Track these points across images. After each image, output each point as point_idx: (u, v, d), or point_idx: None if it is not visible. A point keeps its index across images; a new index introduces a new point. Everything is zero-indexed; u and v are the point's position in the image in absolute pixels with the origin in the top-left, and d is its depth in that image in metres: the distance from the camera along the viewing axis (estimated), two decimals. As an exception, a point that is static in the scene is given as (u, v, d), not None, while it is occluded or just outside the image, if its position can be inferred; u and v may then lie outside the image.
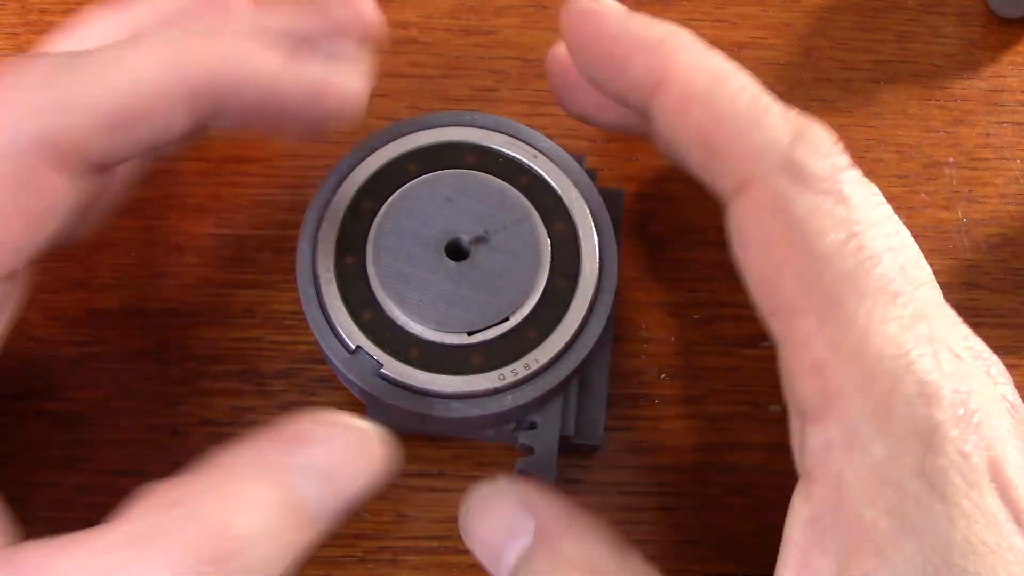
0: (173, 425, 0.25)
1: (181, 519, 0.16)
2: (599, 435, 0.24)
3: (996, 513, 0.16)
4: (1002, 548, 0.16)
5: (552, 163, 0.23)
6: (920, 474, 0.16)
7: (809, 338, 0.17)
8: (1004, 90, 0.32)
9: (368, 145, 0.23)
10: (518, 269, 0.22)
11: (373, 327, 0.21)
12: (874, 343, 0.17)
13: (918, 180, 0.30)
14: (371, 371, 0.21)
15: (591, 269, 0.22)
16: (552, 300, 0.22)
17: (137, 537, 0.16)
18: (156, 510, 0.16)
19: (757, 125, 0.19)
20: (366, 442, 0.19)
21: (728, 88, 0.19)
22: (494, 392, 0.21)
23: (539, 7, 0.32)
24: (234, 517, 0.16)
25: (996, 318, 0.28)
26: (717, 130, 0.19)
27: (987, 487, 0.16)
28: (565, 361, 0.22)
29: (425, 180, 0.23)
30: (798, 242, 0.17)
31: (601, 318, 0.22)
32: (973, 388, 0.17)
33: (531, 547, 0.19)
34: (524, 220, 0.23)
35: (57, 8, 0.31)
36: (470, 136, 0.24)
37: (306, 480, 0.18)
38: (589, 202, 0.23)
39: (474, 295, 0.22)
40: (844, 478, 0.16)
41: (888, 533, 0.16)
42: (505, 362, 0.21)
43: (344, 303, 0.22)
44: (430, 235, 0.22)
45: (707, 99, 0.19)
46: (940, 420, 0.16)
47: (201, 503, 0.17)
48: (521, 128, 0.24)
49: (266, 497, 0.17)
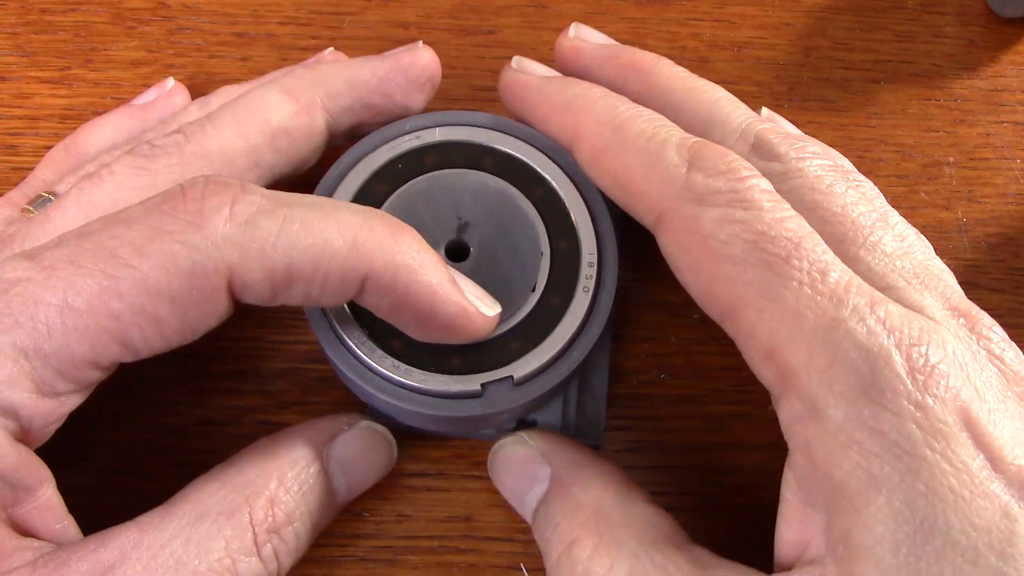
0: (173, 425, 0.25)
1: (245, 498, 0.20)
2: (599, 433, 0.24)
3: (968, 460, 0.17)
4: (975, 495, 0.16)
5: (552, 162, 0.24)
6: (877, 432, 0.17)
7: (754, 329, 0.19)
8: (1004, 90, 0.32)
9: (376, 139, 0.23)
10: (519, 268, 0.22)
11: (375, 327, 0.21)
12: (808, 318, 0.18)
13: (918, 180, 0.30)
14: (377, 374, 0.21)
15: (591, 268, 0.22)
16: (553, 299, 0.22)
17: (208, 515, 0.19)
18: (221, 491, 0.20)
19: (655, 163, 0.21)
20: (382, 445, 0.23)
21: (628, 135, 0.21)
22: (496, 390, 0.21)
23: (539, 7, 0.32)
24: (284, 496, 0.20)
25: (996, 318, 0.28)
26: (625, 174, 0.21)
27: (956, 435, 0.17)
28: (566, 359, 0.22)
29: (429, 178, 0.23)
30: (716, 253, 0.19)
31: (601, 317, 0.22)
32: (934, 339, 0.18)
33: (547, 491, 0.21)
34: (525, 220, 0.23)
35: (57, 8, 0.31)
36: (474, 136, 0.24)
37: (336, 471, 0.22)
38: (589, 202, 0.23)
39: None
40: (812, 446, 0.18)
41: (858, 490, 0.17)
42: (507, 360, 0.21)
43: (347, 308, 0.22)
44: (432, 234, 0.22)
45: (611, 149, 0.22)
46: (888, 377, 0.17)
47: (258, 484, 0.20)
48: (523, 127, 0.24)
49: (309, 482, 0.21)
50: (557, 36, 0.27)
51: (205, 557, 0.18)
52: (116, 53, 0.30)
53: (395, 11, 0.31)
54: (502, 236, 0.22)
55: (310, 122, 0.24)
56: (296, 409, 0.26)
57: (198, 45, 0.31)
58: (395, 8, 0.31)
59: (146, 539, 0.18)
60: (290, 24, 0.31)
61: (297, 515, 0.20)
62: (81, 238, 0.18)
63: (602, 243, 0.23)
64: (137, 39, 0.31)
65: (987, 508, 0.16)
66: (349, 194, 0.23)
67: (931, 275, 0.20)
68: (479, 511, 0.25)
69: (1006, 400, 0.18)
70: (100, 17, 0.31)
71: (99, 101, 0.30)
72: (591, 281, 0.22)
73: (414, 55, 0.26)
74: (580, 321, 0.22)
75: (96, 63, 0.30)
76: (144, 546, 0.18)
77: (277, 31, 0.31)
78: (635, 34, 0.32)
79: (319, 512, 0.21)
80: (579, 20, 0.28)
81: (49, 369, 0.18)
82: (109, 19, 0.31)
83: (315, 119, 0.24)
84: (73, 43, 0.30)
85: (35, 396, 0.18)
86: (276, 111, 0.24)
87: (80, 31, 0.31)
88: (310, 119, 0.24)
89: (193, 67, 0.30)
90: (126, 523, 0.19)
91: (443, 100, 0.30)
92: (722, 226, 0.19)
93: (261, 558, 0.19)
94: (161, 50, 0.31)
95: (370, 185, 0.23)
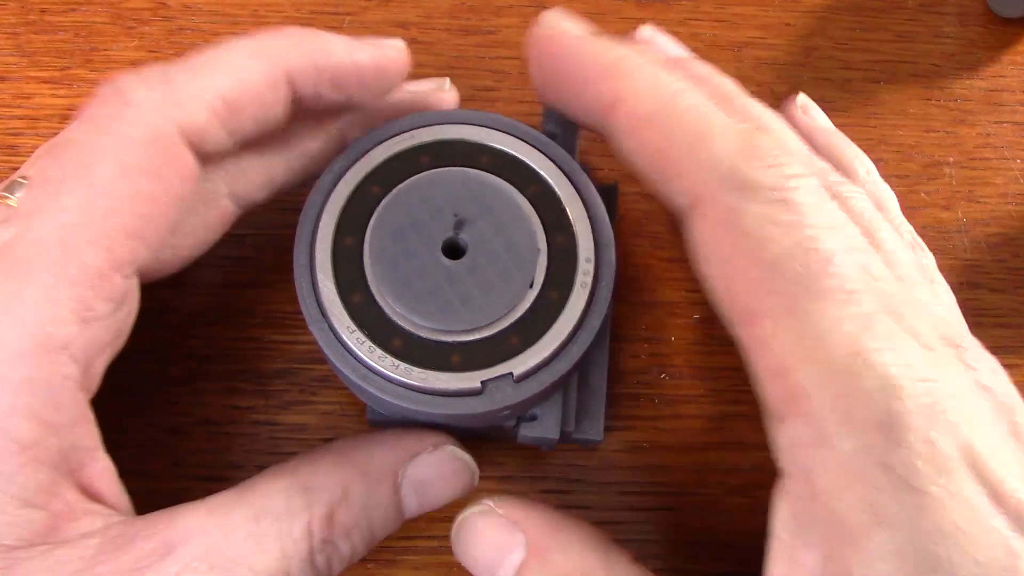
0: (173, 425, 0.25)
1: (308, 504, 0.20)
2: (599, 431, 0.24)
3: (971, 497, 0.16)
4: (979, 531, 0.16)
5: (549, 160, 0.23)
6: (886, 466, 0.16)
7: (769, 343, 0.18)
8: (1004, 90, 0.32)
9: (370, 140, 0.23)
10: (516, 265, 0.22)
11: (374, 328, 0.21)
12: (831, 342, 0.17)
13: (918, 180, 0.30)
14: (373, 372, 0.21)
15: (589, 264, 0.22)
16: (551, 294, 0.22)
17: (270, 513, 0.19)
18: (288, 490, 0.20)
19: (703, 142, 0.19)
20: (463, 471, 0.23)
21: (677, 108, 0.20)
22: (497, 387, 0.21)
23: (539, 7, 0.32)
24: (346, 510, 0.20)
25: (996, 318, 0.28)
26: (666, 150, 0.20)
27: (960, 472, 0.16)
28: (566, 354, 0.21)
29: (423, 177, 0.23)
30: (750, 252, 0.18)
31: (600, 310, 0.22)
32: (940, 376, 0.17)
33: (523, 561, 0.20)
34: (521, 217, 0.23)
35: (57, 8, 0.31)
36: (471, 134, 0.24)
37: (409, 491, 0.21)
38: (584, 196, 0.23)
39: (472, 292, 0.22)
40: (814, 474, 0.17)
41: (861, 525, 0.16)
42: (507, 357, 0.21)
43: (346, 309, 0.21)
44: (429, 233, 0.22)
45: (656, 120, 0.20)
46: (900, 412, 0.16)
47: (323, 493, 0.20)
48: (518, 124, 0.24)
49: (375, 499, 0.21)
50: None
51: (262, 556, 0.19)
52: (116, 53, 0.30)
53: (395, 11, 0.31)
54: (498, 233, 0.22)
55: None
56: (296, 409, 0.26)
57: (198, 45, 0.31)
58: (395, 8, 0.31)
59: (211, 524, 0.19)
60: (290, 24, 0.31)
61: (356, 530, 0.20)
62: (39, 176, 0.19)
63: (598, 238, 0.23)
64: (137, 39, 0.31)
65: (990, 544, 0.16)
66: (344, 196, 0.23)
67: (920, 305, 0.19)
68: (479, 511, 0.25)
69: (1001, 433, 0.17)
70: (100, 17, 0.31)
71: (99, 101, 0.30)
72: (588, 276, 0.22)
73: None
74: (579, 315, 0.22)
75: (96, 63, 0.30)
76: (208, 531, 0.18)
77: (277, 31, 0.31)
78: (635, 34, 0.32)
79: (380, 527, 0.21)
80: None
81: (81, 290, 0.18)
82: (109, 19, 0.31)
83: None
84: (73, 43, 0.30)
85: (81, 327, 0.18)
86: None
87: (80, 31, 0.31)
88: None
89: (193, 67, 0.30)
90: (195, 503, 0.19)
91: (443, 100, 0.30)
92: (763, 225, 0.18)
93: (314, 565, 0.19)
94: (161, 50, 0.31)
95: (365, 185, 0.23)
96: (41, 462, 0.18)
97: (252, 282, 0.27)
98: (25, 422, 0.18)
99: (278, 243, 0.27)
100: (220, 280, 0.27)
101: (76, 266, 0.18)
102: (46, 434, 0.18)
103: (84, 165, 0.19)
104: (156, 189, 0.19)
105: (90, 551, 0.18)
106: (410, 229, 0.22)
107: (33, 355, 0.18)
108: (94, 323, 0.19)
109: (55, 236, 0.18)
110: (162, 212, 0.20)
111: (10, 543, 0.17)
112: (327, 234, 0.22)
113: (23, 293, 0.18)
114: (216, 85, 0.20)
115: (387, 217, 0.22)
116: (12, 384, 0.18)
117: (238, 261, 0.27)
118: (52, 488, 0.18)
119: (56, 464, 0.18)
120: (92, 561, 0.18)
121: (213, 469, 0.25)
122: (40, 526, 0.18)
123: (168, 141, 0.19)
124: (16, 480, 0.18)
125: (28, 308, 0.18)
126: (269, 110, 0.21)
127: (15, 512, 0.17)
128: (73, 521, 0.18)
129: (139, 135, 0.19)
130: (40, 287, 0.18)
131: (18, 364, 0.18)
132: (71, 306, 0.18)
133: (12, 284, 0.18)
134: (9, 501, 0.17)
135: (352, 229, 0.22)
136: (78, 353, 0.18)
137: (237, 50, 0.21)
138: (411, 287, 0.22)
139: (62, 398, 0.18)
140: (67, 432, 0.18)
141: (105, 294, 0.19)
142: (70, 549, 0.18)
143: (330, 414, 0.26)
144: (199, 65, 0.20)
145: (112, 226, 0.19)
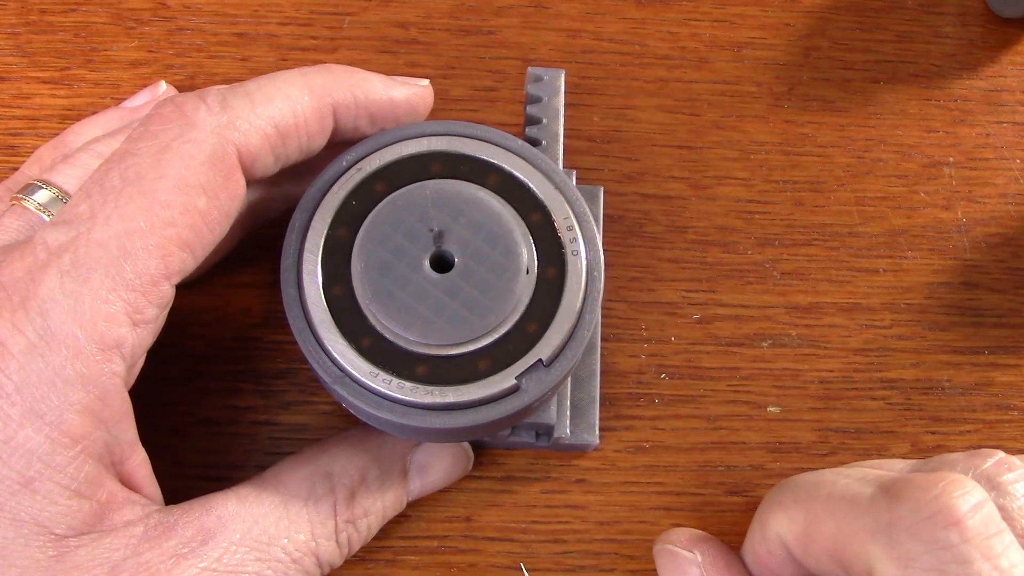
0: (173, 425, 0.25)
1: (331, 488, 0.22)
2: (594, 435, 0.24)
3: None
4: None
5: (528, 164, 0.23)
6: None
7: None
8: (1004, 90, 0.32)
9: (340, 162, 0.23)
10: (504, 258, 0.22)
11: (388, 360, 0.21)
12: None
13: (918, 180, 0.30)
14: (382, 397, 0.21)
15: (571, 231, 0.22)
16: (549, 270, 0.22)
17: (298, 497, 0.21)
18: (312, 476, 0.22)
19: (852, 505, 0.19)
20: (461, 455, 0.25)
21: (830, 495, 0.20)
22: (531, 378, 0.21)
23: (539, 7, 0.32)
24: (365, 492, 0.22)
25: (996, 318, 0.28)
26: (832, 539, 0.20)
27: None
28: (583, 322, 0.21)
29: (399, 195, 0.22)
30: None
31: (597, 272, 0.22)
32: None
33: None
34: (492, 209, 0.22)
35: (57, 8, 0.31)
36: (435, 145, 0.23)
37: (414, 474, 0.24)
38: (546, 172, 0.23)
39: (474, 296, 0.21)
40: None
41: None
42: (530, 345, 0.21)
43: (348, 342, 0.21)
44: (412, 252, 0.22)
45: (813, 523, 0.20)
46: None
47: (344, 477, 0.22)
48: (492, 131, 0.24)
49: (389, 482, 0.23)
50: (557, 36, 0.27)
51: (294, 536, 0.21)
52: (116, 53, 0.30)
53: (395, 11, 0.31)
54: (476, 232, 0.22)
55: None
56: (296, 409, 0.26)
57: (198, 45, 0.31)
58: (395, 8, 0.31)
59: (243, 511, 0.20)
60: (290, 24, 0.31)
61: (373, 510, 0.23)
62: (102, 182, 0.20)
63: (572, 204, 0.23)
64: (137, 39, 0.31)
65: None
66: (318, 246, 0.22)
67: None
68: (479, 511, 0.25)
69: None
70: (100, 17, 0.31)
71: (99, 101, 0.30)
72: (576, 244, 0.22)
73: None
74: (584, 282, 0.22)
75: (96, 63, 0.30)
76: (242, 517, 0.20)
77: (277, 31, 0.31)
78: (635, 34, 0.32)
79: (392, 507, 0.23)
80: (579, 20, 0.27)
81: (135, 294, 0.19)
82: (109, 19, 0.31)
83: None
84: (73, 43, 0.30)
85: (132, 328, 0.19)
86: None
87: (80, 31, 0.31)
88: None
89: (193, 67, 0.30)
90: (224, 492, 0.21)
91: (444, 100, 0.30)
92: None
93: (338, 543, 0.22)
94: (161, 50, 0.31)
95: (332, 233, 0.22)
96: (89, 454, 0.19)
97: (251, 282, 0.27)
98: (77, 416, 0.19)
99: (277, 244, 0.27)
100: (219, 280, 0.27)
101: (133, 271, 0.19)
102: (95, 428, 0.19)
103: (147, 178, 0.20)
104: (210, 206, 0.20)
105: (135, 539, 0.19)
106: (392, 259, 0.22)
107: (88, 352, 0.19)
108: (143, 326, 0.20)
109: (115, 240, 0.19)
110: (211, 228, 0.21)
111: (61, 532, 0.18)
112: (315, 291, 0.22)
113: (81, 292, 0.19)
114: (270, 113, 0.21)
115: (366, 256, 0.22)
116: (68, 379, 0.19)
117: (237, 261, 0.27)
118: (98, 479, 0.19)
119: (101, 456, 0.19)
120: (137, 548, 0.19)
121: (213, 469, 0.25)
122: (88, 515, 0.19)
123: (226, 162, 0.21)
124: (67, 471, 0.19)
125: (85, 307, 0.19)
126: (313, 140, 0.23)
127: (66, 502, 0.18)
128: (117, 511, 0.19)
129: (200, 154, 0.20)
130: (98, 287, 0.19)
131: (74, 360, 0.19)
132: (125, 308, 0.19)
133: (71, 283, 0.19)
134: (61, 492, 0.18)
135: (339, 279, 0.22)
136: (127, 353, 0.19)
137: (289, 81, 0.22)
138: (414, 313, 0.21)
139: (111, 394, 0.19)
140: (113, 426, 0.19)
141: (155, 299, 0.20)
142: (116, 537, 0.19)
143: (330, 414, 0.26)
144: (254, 91, 0.21)
145: (168, 236, 0.20)
